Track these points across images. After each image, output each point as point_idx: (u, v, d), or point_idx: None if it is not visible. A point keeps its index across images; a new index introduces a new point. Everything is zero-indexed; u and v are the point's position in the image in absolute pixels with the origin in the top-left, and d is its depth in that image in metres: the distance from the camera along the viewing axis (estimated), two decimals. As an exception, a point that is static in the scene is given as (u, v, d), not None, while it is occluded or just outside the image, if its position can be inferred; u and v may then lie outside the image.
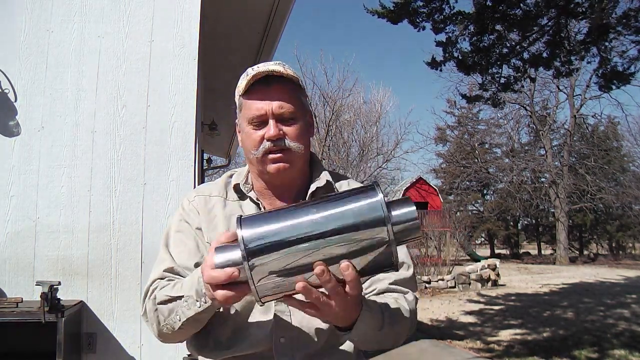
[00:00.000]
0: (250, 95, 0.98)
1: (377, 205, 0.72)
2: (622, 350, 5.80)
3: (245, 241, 0.70)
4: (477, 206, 30.73)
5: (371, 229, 0.71)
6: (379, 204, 0.72)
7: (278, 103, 0.96)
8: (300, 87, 1.02)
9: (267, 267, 0.70)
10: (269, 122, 0.96)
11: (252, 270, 0.70)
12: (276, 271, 0.71)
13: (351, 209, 0.72)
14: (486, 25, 6.72)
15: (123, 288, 2.25)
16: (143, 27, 2.40)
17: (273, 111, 0.96)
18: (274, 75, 0.97)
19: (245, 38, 3.92)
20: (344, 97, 20.77)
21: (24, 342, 2.15)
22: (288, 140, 0.97)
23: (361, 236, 0.71)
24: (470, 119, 28.93)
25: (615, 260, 23.35)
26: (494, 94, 7.86)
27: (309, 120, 1.04)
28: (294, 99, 0.98)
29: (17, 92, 2.28)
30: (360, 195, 0.74)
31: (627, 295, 10.66)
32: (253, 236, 0.71)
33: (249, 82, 0.97)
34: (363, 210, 0.72)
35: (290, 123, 0.98)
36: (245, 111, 1.00)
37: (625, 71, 7.00)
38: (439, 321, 8.23)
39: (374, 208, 0.72)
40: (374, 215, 0.71)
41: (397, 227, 0.73)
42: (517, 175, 24.67)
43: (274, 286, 0.72)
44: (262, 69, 0.96)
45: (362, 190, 0.76)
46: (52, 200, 2.25)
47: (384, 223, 0.71)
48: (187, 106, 2.36)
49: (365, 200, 0.73)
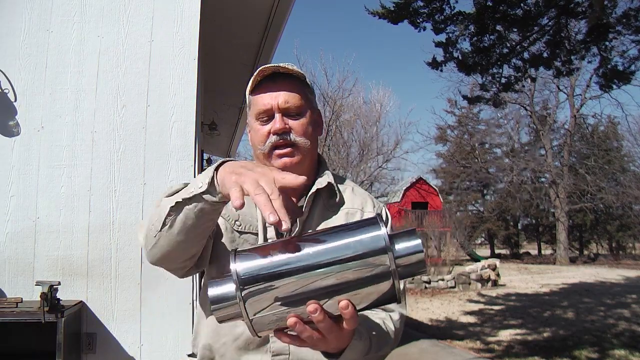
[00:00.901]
0: (257, 92, 0.99)
1: (380, 238, 0.69)
2: (622, 350, 5.80)
3: (240, 275, 0.68)
4: (477, 206, 30.74)
5: (373, 263, 0.68)
6: (382, 238, 0.69)
7: (284, 98, 0.97)
8: (307, 85, 1.02)
9: (262, 300, 0.68)
10: (275, 116, 0.97)
11: (245, 303, 0.68)
12: (271, 304, 0.68)
13: (352, 242, 0.69)
14: (486, 26, 6.72)
15: (123, 288, 2.25)
16: (143, 27, 2.40)
17: (279, 105, 0.96)
18: (281, 73, 0.98)
19: (245, 38, 3.92)
20: (344, 97, 20.78)
21: (24, 342, 2.15)
22: (294, 134, 0.97)
23: (362, 269, 0.68)
24: (470, 118, 28.93)
25: (615, 260, 23.36)
26: (495, 94, 7.86)
27: (317, 119, 1.04)
28: (300, 95, 0.99)
29: (17, 92, 2.28)
30: (362, 228, 0.71)
31: (627, 295, 10.66)
32: (248, 270, 0.69)
33: (256, 80, 0.98)
34: (365, 243, 0.69)
35: (296, 118, 0.98)
36: (252, 107, 1.00)
37: (626, 71, 7.01)
38: (439, 321, 8.22)
39: (376, 241, 0.69)
40: (376, 247, 0.68)
41: (401, 261, 0.70)
42: (517, 175, 24.68)
43: (269, 320, 0.70)
44: (269, 65, 0.97)
45: (364, 223, 0.73)
46: (52, 200, 2.25)
47: (387, 255, 0.68)
48: (187, 106, 2.36)
49: (367, 233, 0.70)
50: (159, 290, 2.26)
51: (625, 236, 27.60)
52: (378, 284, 0.69)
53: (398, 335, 0.96)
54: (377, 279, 0.68)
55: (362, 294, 0.69)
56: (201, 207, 0.81)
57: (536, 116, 25.54)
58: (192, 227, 0.84)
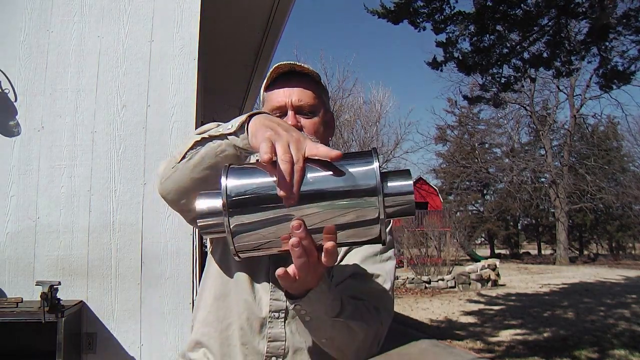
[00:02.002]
0: (272, 88, 1.00)
1: (371, 173, 0.67)
2: (622, 351, 5.80)
3: (228, 190, 0.68)
4: (477, 206, 30.76)
5: (362, 198, 0.66)
6: (373, 172, 0.67)
7: (298, 96, 0.97)
8: (322, 85, 1.03)
9: (247, 219, 0.67)
10: (288, 113, 0.97)
11: (230, 219, 0.67)
12: (255, 224, 0.68)
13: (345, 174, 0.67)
14: (486, 26, 6.72)
15: (123, 288, 2.25)
16: (143, 27, 2.40)
17: (292, 103, 0.97)
18: (297, 71, 0.98)
19: (245, 38, 3.92)
20: (344, 97, 20.79)
21: (24, 342, 2.15)
22: (305, 133, 0.97)
23: (349, 203, 0.66)
24: (470, 118, 28.93)
25: (615, 260, 23.38)
26: (495, 95, 7.86)
27: (329, 120, 1.04)
28: (314, 94, 0.99)
29: (17, 92, 2.28)
30: (355, 160, 0.70)
31: (627, 295, 10.67)
32: (237, 186, 0.68)
33: (272, 76, 0.99)
34: (355, 175, 0.67)
35: (309, 116, 0.98)
36: (267, 104, 1.01)
37: (626, 71, 7.01)
38: (439, 321, 8.22)
39: (368, 176, 0.67)
40: (366, 183, 0.67)
41: (390, 200, 0.68)
42: (517, 175, 24.68)
43: (251, 239, 0.69)
44: (285, 62, 0.98)
45: (359, 155, 0.71)
46: (52, 200, 2.25)
47: (375, 194, 0.66)
48: (187, 106, 2.36)
49: (359, 167, 0.68)
50: (159, 290, 2.26)
51: (625, 236, 27.62)
52: (365, 220, 0.67)
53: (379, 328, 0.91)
54: (363, 215, 0.67)
55: (347, 227, 0.68)
56: (224, 148, 0.80)
57: (536, 116, 25.54)
58: (209, 167, 0.83)
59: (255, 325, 0.95)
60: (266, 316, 0.95)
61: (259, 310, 0.96)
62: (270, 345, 0.95)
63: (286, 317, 0.95)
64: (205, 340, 0.98)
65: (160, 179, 0.92)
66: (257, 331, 0.95)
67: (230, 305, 0.97)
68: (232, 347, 0.96)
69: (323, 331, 0.84)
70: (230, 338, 0.96)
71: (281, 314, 0.95)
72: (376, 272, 0.98)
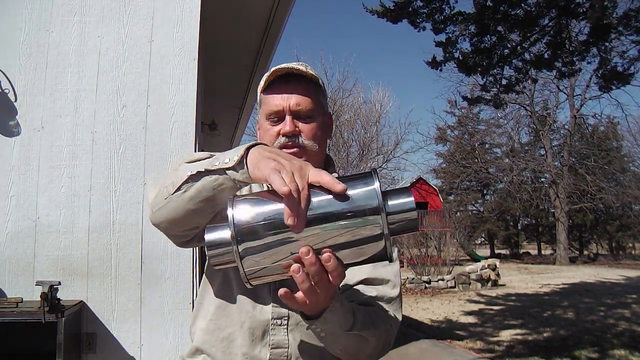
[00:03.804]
0: (269, 91, 0.99)
1: (373, 194, 0.68)
2: (622, 351, 5.80)
3: (236, 221, 0.69)
4: (477, 206, 30.74)
5: (365, 218, 0.68)
6: (374, 192, 0.68)
7: (296, 100, 0.96)
8: (320, 87, 1.02)
9: (255, 247, 0.69)
10: (285, 118, 0.96)
11: (239, 250, 0.69)
12: (264, 253, 0.69)
13: (347, 196, 0.69)
14: (487, 26, 6.71)
15: (123, 288, 2.25)
16: (143, 27, 2.40)
17: (290, 107, 0.96)
18: (295, 74, 0.97)
19: (245, 38, 3.92)
20: (344, 97, 20.79)
21: (24, 342, 2.15)
22: (303, 137, 0.97)
23: (354, 223, 0.68)
24: (470, 119, 28.92)
25: (615, 260, 23.38)
26: (496, 95, 7.86)
27: (327, 122, 1.04)
28: (312, 98, 0.98)
29: (17, 92, 2.28)
30: (356, 182, 0.71)
31: (627, 295, 10.66)
32: (244, 217, 0.69)
33: (269, 79, 0.98)
34: (358, 196, 0.68)
35: (307, 121, 0.97)
36: (263, 107, 1.00)
37: (625, 71, 7.01)
38: (439, 321, 8.22)
39: (369, 196, 0.68)
40: (370, 203, 0.68)
41: (393, 218, 0.69)
42: (517, 175, 24.66)
43: (261, 267, 0.70)
44: (283, 66, 0.97)
45: (358, 177, 0.72)
46: (52, 200, 2.25)
47: (378, 212, 0.67)
48: (187, 106, 2.36)
49: (360, 188, 0.69)
50: (159, 290, 2.26)
51: (625, 236, 27.61)
52: (369, 238, 0.69)
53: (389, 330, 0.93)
54: (368, 234, 0.68)
55: (353, 248, 0.69)
56: (222, 182, 0.80)
57: (536, 116, 25.54)
58: (206, 199, 0.83)
59: (258, 333, 0.95)
60: (268, 323, 0.95)
61: (261, 318, 0.95)
62: (273, 352, 0.94)
63: (288, 324, 0.95)
64: (206, 348, 0.98)
65: (152, 208, 0.91)
66: (260, 339, 0.95)
67: (232, 314, 0.97)
68: (234, 355, 0.95)
69: (337, 344, 0.86)
70: (231, 346, 0.96)
71: (283, 320, 0.95)
72: (386, 277, 0.99)
